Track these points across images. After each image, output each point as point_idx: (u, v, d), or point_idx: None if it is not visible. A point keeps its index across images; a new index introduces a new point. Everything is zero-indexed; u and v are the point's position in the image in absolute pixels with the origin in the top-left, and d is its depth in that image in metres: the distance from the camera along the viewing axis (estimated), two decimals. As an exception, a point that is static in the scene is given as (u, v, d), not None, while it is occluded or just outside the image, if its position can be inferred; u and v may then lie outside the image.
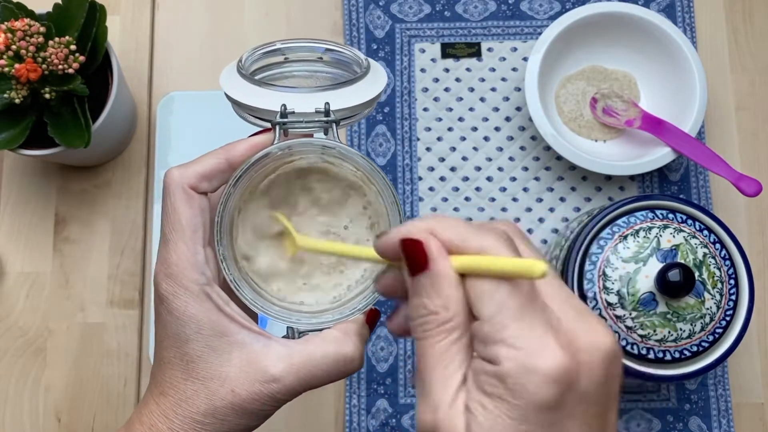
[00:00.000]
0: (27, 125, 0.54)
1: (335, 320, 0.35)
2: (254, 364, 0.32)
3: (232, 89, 0.36)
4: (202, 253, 0.33)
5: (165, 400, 0.33)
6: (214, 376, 0.32)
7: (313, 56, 0.39)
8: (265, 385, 0.32)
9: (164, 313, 0.33)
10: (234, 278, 0.34)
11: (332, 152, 0.35)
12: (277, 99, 0.35)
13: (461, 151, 0.65)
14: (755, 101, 0.66)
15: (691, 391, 0.61)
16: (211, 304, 0.33)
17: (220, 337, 0.32)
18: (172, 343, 0.33)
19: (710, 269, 0.50)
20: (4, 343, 0.61)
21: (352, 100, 0.36)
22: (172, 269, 0.33)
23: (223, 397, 0.32)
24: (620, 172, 0.60)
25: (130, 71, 0.66)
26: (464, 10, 0.67)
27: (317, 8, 0.68)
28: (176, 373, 0.33)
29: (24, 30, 0.51)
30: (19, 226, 0.63)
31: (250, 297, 0.34)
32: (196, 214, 0.34)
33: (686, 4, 0.67)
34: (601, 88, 0.65)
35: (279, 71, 0.39)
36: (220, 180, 0.35)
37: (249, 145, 0.35)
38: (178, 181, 0.34)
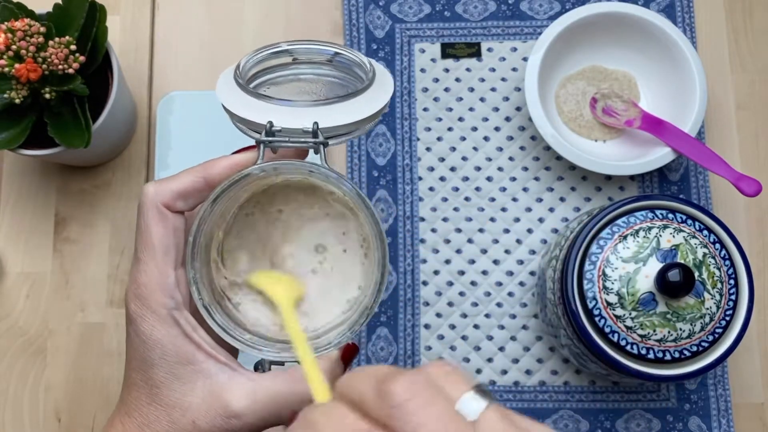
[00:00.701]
0: (27, 125, 0.54)
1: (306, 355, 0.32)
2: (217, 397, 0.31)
3: (226, 96, 0.34)
4: (173, 275, 0.32)
5: (130, 421, 0.32)
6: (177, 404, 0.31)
7: (322, 58, 0.37)
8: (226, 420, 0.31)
9: (132, 335, 0.32)
10: (204, 303, 0.32)
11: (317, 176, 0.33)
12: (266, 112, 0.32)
13: (461, 151, 0.65)
14: (755, 101, 0.66)
15: (690, 391, 0.61)
16: (178, 330, 0.32)
17: (184, 365, 0.31)
18: (139, 365, 0.32)
19: (710, 269, 0.51)
20: (5, 343, 0.61)
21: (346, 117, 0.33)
22: (141, 290, 0.32)
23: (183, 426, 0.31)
24: (620, 172, 0.60)
25: (130, 71, 0.66)
26: (464, 10, 0.67)
27: (317, 8, 0.68)
28: (141, 395, 0.32)
29: (24, 30, 0.51)
30: (19, 226, 0.63)
31: (220, 323, 0.32)
32: (169, 234, 0.32)
33: (686, 4, 0.67)
34: (601, 88, 0.65)
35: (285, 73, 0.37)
36: (197, 199, 0.33)
37: (229, 163, 0.33)
38: (152, 199, 0.32)
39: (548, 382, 0.61)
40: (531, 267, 0.63)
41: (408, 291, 0.62)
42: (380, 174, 0.64)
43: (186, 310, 0.33)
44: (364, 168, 0.64)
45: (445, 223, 0.64)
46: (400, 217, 0.64)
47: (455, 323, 0.62)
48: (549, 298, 0.56)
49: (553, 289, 0.55)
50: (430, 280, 0.63)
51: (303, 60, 0.37)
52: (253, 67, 0.37)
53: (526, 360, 0.62)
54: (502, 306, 0.62)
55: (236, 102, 0.33)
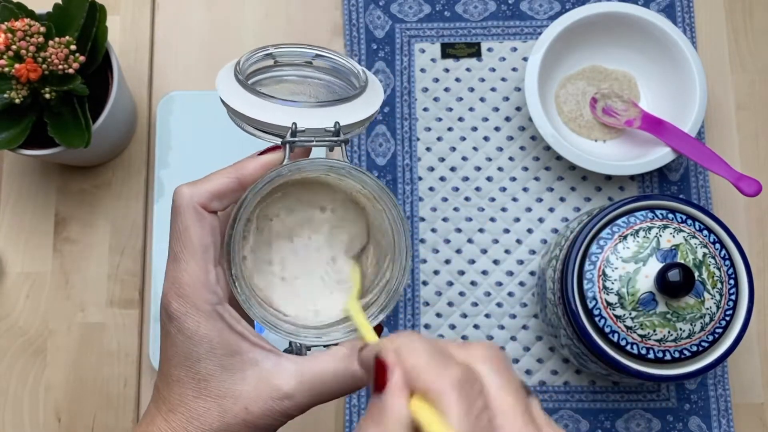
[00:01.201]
0: (27, 125, 0.54)
1: (342, 337, 0.34)
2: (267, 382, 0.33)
3: (231, 98, 0.35)
4: (213, 272, 0.33)
5: (175, 417, 0.33)
6: (227, 394, 0.32)
7: (302, 61, 0.39)
8: (278, 402, 0.33)
9: (174, 332, 0.33)
10: (246, 298, 0.34)
11: (340, 171, 0.34)
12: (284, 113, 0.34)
13: (461, 151, 0.65)
14: (755, 101, 0.66)
15: (690, 391, 0.61)
16: (224, 324, 0.33)
17: (232, 355, 0.33)
18: (182, 362, 0.33)
19: (710, 269, 0.51)
20: (5, 343, 0.61)
21: (357, 115, 0.35)
22: (184, 289, 0.33)
23: (236, 414, 0.32)
24: (620, 172, 0.60)
25: (130, 71, 0.66)
26: (464, 10, 0.67)
27: (317, 8, 0.68)
28: (187, 391, 0.33)
29: (24, 30, 0.51)
30: (19, 226, 0.63)
31: (260, 315, 0.34)
32: (207, 234, 0.33)
33: (686, 4, 0.67)
34: (601, 88, 0.65)
35: (269, 75, 0.38)
36: (231, 199, 0.34)
37: (260, 164, 0.35)
38: (188, 200, 0.33)
39: (548, 382, 0.61)
40: (531, 267, 0.63)
41: (408, 291, 0.62)
42: (380, 174, 0.64)
43: (227, 304, 0.34)
44: (364, 168, 0.64)
45: (445, 223, 0.64)
46: (400, 217, 0.64)
47: (455, 323, 0.62)
48: (549, 298, 0.56)
49: (553, 289, 0.55)
50: (430, 280, 0.63)
51: (284, 62, 0.38)
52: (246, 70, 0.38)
53: (526, 360, 0.62)
54: (502, 306, 0.62)
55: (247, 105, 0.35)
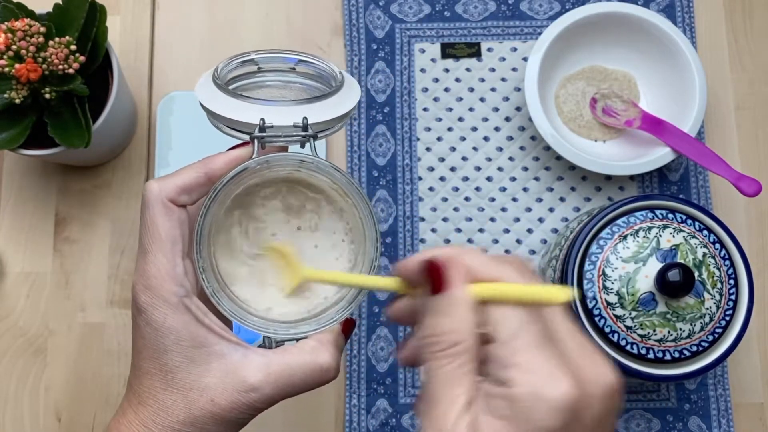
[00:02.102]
0: (27, 125, 0.54)
1: (312, 330, 0.35)
2: (233, 374, 0.33)
3: (209, 100, 0.36)
4: (181, 265, 0.34)
5: (144, 410, 0.33)
6: (194, 386, 0.33)
7: (286, 67, 0.40)
8: (244, 394, 0.33)
9: (142, 325, 0.33)
10: (213, 290, 0.34)
11: (309, 166, 0.35)
12: (254, 112, 0.35)
13: (461, 151, 0.65)
14: (755, 101, 0.66)
15: (690, 391, 0.61)
16: (190, 316, 0.33)
17: (199, 347, 0.33)
18: (151, 354, 0.33)
19: (710, 269, 0.51)
20: (5, 343, 0.61)
21: (329, 113, 0.36)
22: (151, 281, 0.33)
23: (202, 406, 0.33)
24: (620, 172, 0.60)
25: (130, 71, 0.66)
26: (464, 11, 0.67)
27: (317, 8, 0.68)
28: (155, 383, 0.33)
29: (24, 30, 0.51)
30: (19, 226, 0.63)
31: (229, 308, 0.34)
32: (175, 227, 0.34)
33: (686, 4, 0.67)
34: (601, 88, 0.65)
35: (252, 81, 0.39)
36: (199, 193, 0.35)
37: (228, 158, 0.35)
38: (157, 194, 0.34)
39: (548, 382, 0.61)
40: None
41: (408, 291, 0.62)
42: (380, 174, 0.64)
43: (195, 296, 0.34)
44: (364, 168, 0.64)
45: (445, 223, 0.64)
46: (400, 217, 0.64)
47: (455, 323, 0.62)
48: (549, 298, 0.56)
49: (553, 289, 0.55)
50: (430, 280, 0.63)
51: (267, 68, 0.39)
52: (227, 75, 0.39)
53: (526, 360, 0.62)
54: (502, 306, 0.62)
55: (220, 104, 0.36)
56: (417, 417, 0.32)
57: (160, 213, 0.34)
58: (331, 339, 0.35)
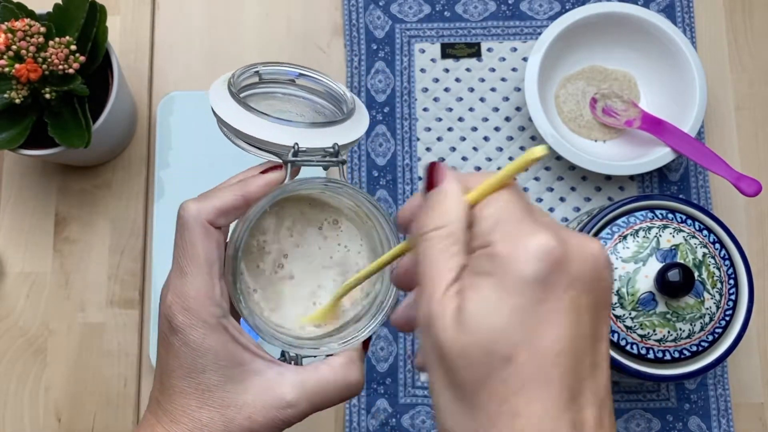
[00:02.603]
0: (27, 125, 0.54)
1: (339, 348, 0.36)
2: (270, 391, 0.34)
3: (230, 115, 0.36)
4: (218, 286, 0.34)
5: (177, 428, 0.34)
6: (231, 403, 0.33)
7: (285, 78, 0.40)
8: (281, 410, 0.34)
9: (177, 344, 0.34)
10: (249, 312, 0.35)
11: (336, 189, 0.35)
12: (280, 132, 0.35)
13: (461, 151, 0.65)
14: (755, 101, 0.66)
15: (690, 391, 0.61)
16: (228, 336, 0.34)
17: (236, 366, 0.34)
18: (186, 373, 0.34)
19: (710, 269, 0.51)
20: (5, 343, 0.61)
21: (349, 136, 0.37)
22: (190, 302, 0.33)
23: (240, 423, 0.33)
24: (620, 172, 0.60)
25: (130, 71, 0.66)
26: (464, 11, 0.67)
27: (317, 8, 0.68)
28: (190, 401, 0.33)
29: (24, 30, 0.51)
30: (19, 226, 0.63)
31: (262, 328, 0.35)
32: (213, 249, 0.34)
33: (686, 4, 0.67)
34: (601, 88, 0.65)
35: (257, 91, 0.39)
36: (235, 215, 0.35)
37: (264, 182, 0.36)
38: (195, 216, 0.34)
39: (548, 382, 0.61)
40: (531, 267, 0.63)
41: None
42: (380, 174, 0.64)
43: (231, 317, 0.35)
44: (364, 168, 0.64)
45: (445, 223, 0.64)
46: (400, 217, 0.64)
47: (455, 323, 0.62)
48: (549, 298, 0.56)
49: (553, 289, 0.55)
50: (430, 280, 0.63)
51: (268, 79, 0.40)
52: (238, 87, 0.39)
53: (526, 360, 0.62)
54: (502, 306, 0.62)
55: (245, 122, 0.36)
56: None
57: (199, 235, 0.34)
58: (357, 355, 0.36)
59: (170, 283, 0.35)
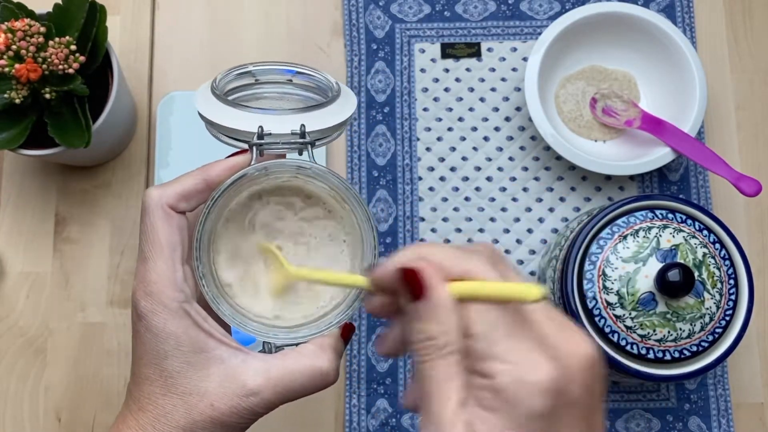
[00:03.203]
0: (27, 125, 0.54)
1: (311, 335, 0.35)
2: (233, 379, 0.33)
3: (208, 110, 0.37)
4: (181, 270, 0.34)
5: (144, 416, 0.33)
6: (193, 391, 0.33)
7: (283, 78, 0.40)
8: (244, 399, 0.33)
9: (142, 330, 0.33)
10: (213, 296, 0.35)
11: (307, 172, 0.35)
12: (252, 121, 0.35)
13: (461, 151, 0.65)
14: (755, 101, 0.66)
15: (690, 391, 0.61)
16: (190, 321, 0.33)
17: (198, 353, 0.33)
18: (151, 360, 0.33)
19: (710, 269, 0.51)
20: (5, 342, 0.61)
21: (326, 122, 0.37)
22: (152, 287, 0.33)
23: (202, 411, 0.33)
24: (620, 172, 0.60)
25: (130, 71, 0.66)
26: (464, 11, 0.67)
27: (317, 8, 0.68)
28: (155, 389, 0.33)
29: (24, 30, 0.51)
30: (19, 226, 0.63)
31: (228, 313, 0.35)
32: (175, 233, 0.34)
33: (686, 4, 0.67)
34: (601, 88, 0.65)
35: (251, 92, 0.40)
36: (198, 200, 0.35)
37: (226, 165, 0.36)
38: (157, 201, 0.34)
39: (548, 382, 0.61)
40: (531, 267, 0.63)
41: (408, 291, 0.62)
42: (380, 174, 0.64)
43: (195, 302, 0.35)
44: (364, 168, 0.64)
45: (445, 223, 0.64)
46: (400, 217, 0.64)
47: (455, 323, 0.62)
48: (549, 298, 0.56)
49: (553, 289, 0.55)
50: (430, 280, 0.63)
51: (264, 80, 0.40)
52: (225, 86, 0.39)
53: (526, 360, 0.62)
54: (502, 306, 0.62)
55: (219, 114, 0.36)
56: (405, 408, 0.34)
57: (160, 219, 0.34)
58: (330, 343, 0.35)
59: (136, 270, 0.34)
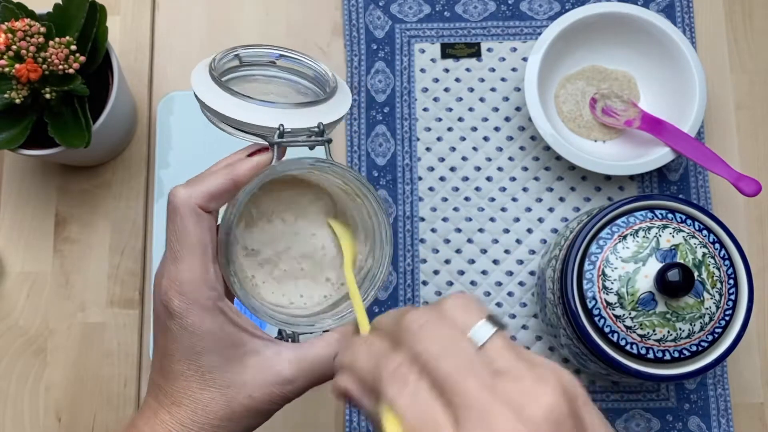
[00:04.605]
0: (27, 125, 0.54)
1: (333, 324, 0.36)
2: (268, 370, 0.35)
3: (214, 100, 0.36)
4: (212, 269, 0.35)
5: (179, 410, 0.34)
6: (232, 383, 0.34)
7: (266, 60, 0.40)
8: (279, 387, 0.35)
9: (175, 329, 0.34)
10: (244, 293, 0.35)
11: (324, 168, 0.36)
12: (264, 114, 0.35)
13: (461, 151, 0.65)
14: (755, 101, 0.66)
15: (690, 391, 0.61)
16: (225, 318, 0.34)
17: (235, 347, 0.34)
18: (185, 356, 0.34)
19: (709, 269, 0.51)
20: (5, 342, 0.61)
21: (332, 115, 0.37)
22: (186, 287, 0.34)
23: (241, 402, 0.34)
24: (620, 172, 0.60)
25: (130, 71, 0.66)
26: (464, 11, 0.67)
27: (317, 8, 0.68)
28: (191, 383, 0.34)
29: (24, 30, 0.51)
30: (19, 226, 0.63)
31: (258, 308, 0.36)
32: (205, 233, 0.35)
33: (685, 5, 0.67)
34: (601, 88, 0.65)
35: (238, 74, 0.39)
36: (225, 199, 0.36)
37: (252, 165, 0.36)
38: (186, 201, 0.35)
39: (548, 382, 0.61)
40: (531, 267, 0.63)
41: (408, 291, 0.63)
42: (380, 174, 0.64)
43: (227, 299, 0.35)
44: (364, 168, 0.64)
45: (445, 223, 0.64)
46: (400, 217, 0.64)
47: (455, 323, 0.62)
48: (548, 298, 0.56)
49: (553, 289, 0.55)
50: (430, 280, 0.63)
51: (248, 62, 0.40)
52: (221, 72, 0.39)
53: (525, 360, 0.62)
54: (502, 306, 0.62)
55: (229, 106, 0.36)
56: None
57: (190, 220, 0.34)
58: (351, 330, 0.36)
59: (164, 269, 0.35)
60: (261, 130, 0.36)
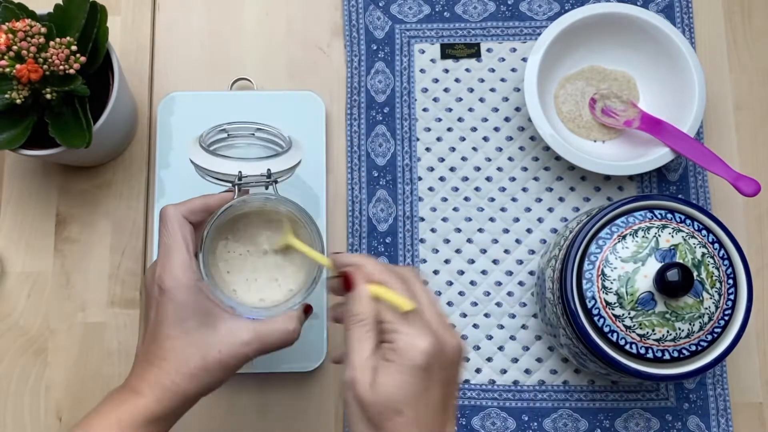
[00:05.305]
0: (28, 125, 0.54)
1: (283, 311, 0.49)
2: (233, 333, 0.46)
3: (198, 158, 0.51)
4: (193, 260, 0.47)
5: (167, 363, 0.45)
6: (207, 342, 0.46)
7: (247, 132, 0.55)
8: (241, 347, 0.46)
9: (166, 302, 0.45)
10: (213, 286, 0.47)
11: (273, 201, 0.50)
12: (232, 166, 0.50)
13: (461, 151, 0.65)
14: (754, 101, 0.67)
15: (689, 391, 0.61)
16: (202, 295, 0.46)
17: (210, 316, 0.46)
18: (173, 322, 0.45)
19: (709, 269, 0.51)
20: (6, 342, 0.61)
21: (284, 165, 0.52)
22: (176, 271, 0.46)
23: (213, 356, 0.45)
24: (619, 172, 0.60)
25: (130, 72, 0.66)
26: (464, 11, 0.68)
27: (317, 8, 0.68)
28: (176, 343, 0.45)
29: (25, 31, 0.51)
30: (20, 226, 0.63)
31: (221, 297, 0.48)
32: (188, 235, 0.47)
33: (685, 5, 0.67)
34: (600, 88, 0.65)
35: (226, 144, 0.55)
36: (201, 217, 0.49)
37: (220, 197, 0.49)
38: (175, 213, 0.47)
39: (547, 382, 0.61)
40: (530, 267, 0.63)
41: (408, 291, 0.63)
42: (380, 174, 0.65)
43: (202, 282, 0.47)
44: (364, 168, 0.65)
45: (445, 223, 0.64)
46: (400, 217, 0.64)
47: (455, 322, 0.62)
48: (548, 297, 0.56)
49: (552, 289, 0.55)
50: (430, 280, 0.63)
51: (234, 134, 0.55)
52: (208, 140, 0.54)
53: (525, 359, 0.62)
54: (502, 306, 0.63)
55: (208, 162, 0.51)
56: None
57: (179, 225, 0.47)
58: (296, 314, 0.49)
59: (159, 261, 0.47)
60: (227, 176, 0.50)
